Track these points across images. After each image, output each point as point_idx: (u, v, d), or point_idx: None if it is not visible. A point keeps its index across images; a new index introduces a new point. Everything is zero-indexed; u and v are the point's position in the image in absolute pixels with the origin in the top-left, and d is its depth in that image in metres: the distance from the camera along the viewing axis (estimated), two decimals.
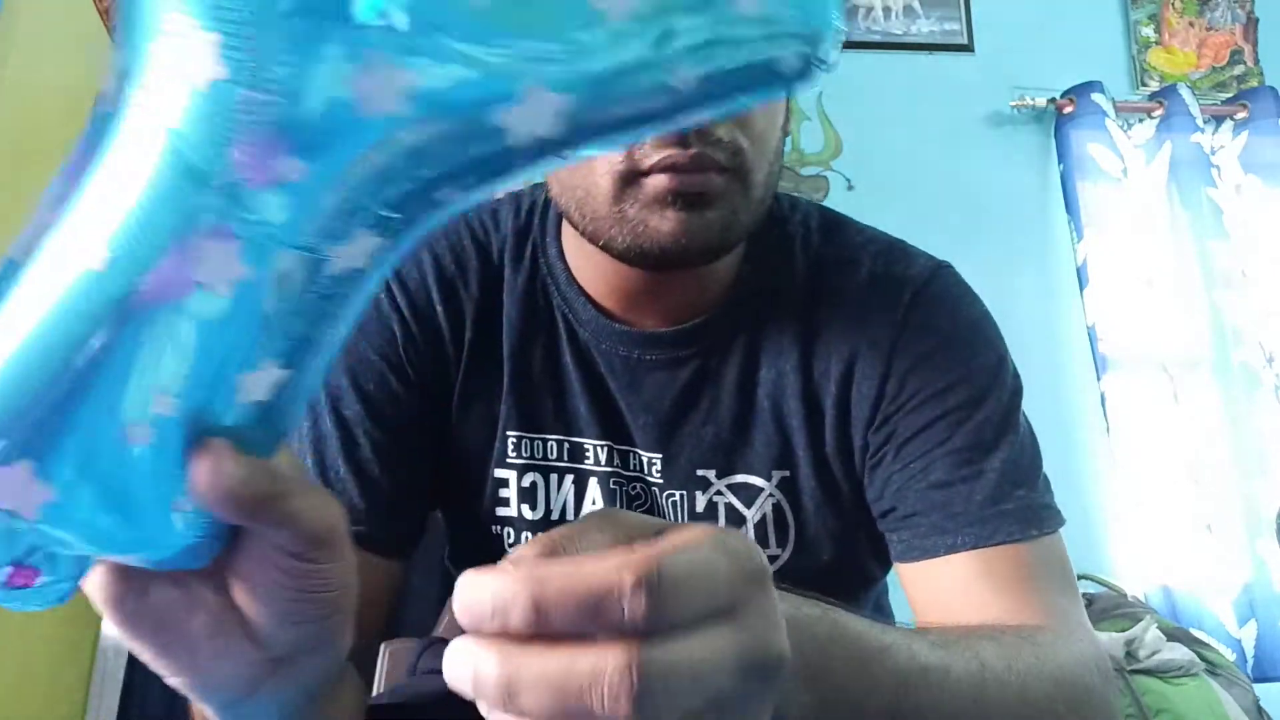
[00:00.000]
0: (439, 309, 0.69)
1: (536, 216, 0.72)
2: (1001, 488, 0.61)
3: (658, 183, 0.56)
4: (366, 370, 0.67)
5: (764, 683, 0.29)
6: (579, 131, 0.28)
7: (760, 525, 0.67)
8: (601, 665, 0.25)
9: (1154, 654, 1.15)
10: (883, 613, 0.82)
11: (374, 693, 0.78)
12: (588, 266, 0.67)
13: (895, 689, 0.40)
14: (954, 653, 0.45)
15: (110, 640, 2.22)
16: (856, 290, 0.67)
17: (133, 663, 2.30)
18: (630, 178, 0.57)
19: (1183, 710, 1.09)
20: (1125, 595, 1.40)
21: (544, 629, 0.25)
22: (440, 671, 0.27)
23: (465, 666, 0.26)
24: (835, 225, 0.72)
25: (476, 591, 0.26)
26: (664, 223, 0.57)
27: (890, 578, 0.76)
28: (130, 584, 0.32)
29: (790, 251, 0.69)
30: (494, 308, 0.70)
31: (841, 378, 0.66)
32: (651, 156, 0.56)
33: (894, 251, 0.70)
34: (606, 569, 0.26)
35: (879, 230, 0.73)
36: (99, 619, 2.04)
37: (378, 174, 0.28)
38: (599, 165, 0.57)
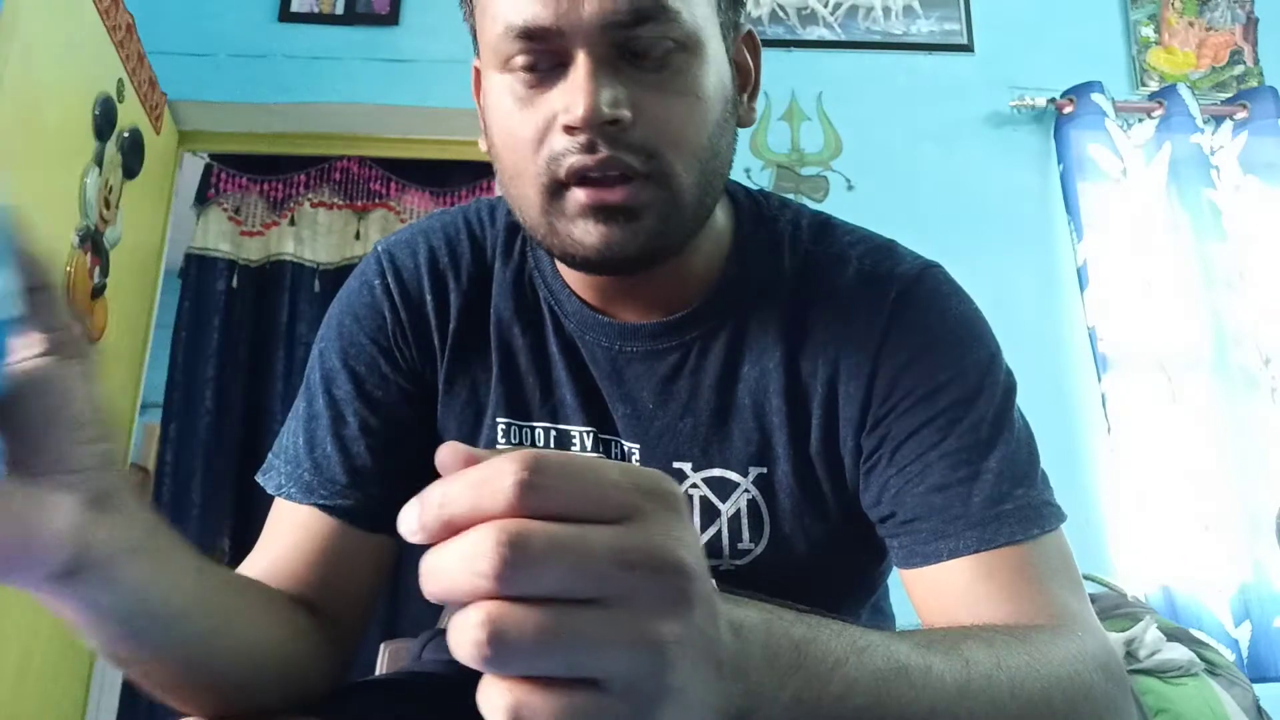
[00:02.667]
0: (428, 298, 0.71)
1: None
2: (1000, 488, 0.60)
3: (577, 196, 0.57)
4: (358, 353, 0.70)
5: (663, 587, 0.30)
6: None
7: (734, 519, 0.67)
8: (478, 536, 0.28)
9: (1154, 654, 1.14)
10: (882, 614, 0.81)
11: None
12: None
13: (874, 688, 0.40)
14: (938, 653, 0.45)
15: None
16: (843, 289, 0.67)
17: None
18: (554, 189, 0.58)
19: (1182, 710, 1.09)
20: (1125, 595, 1.40)
21: (449, 522, 0.29)
22: (443, 661, 0.29)
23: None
24: (825, 225, 0.71)
25: (408, 512, 0.30)
26: (587, 235, 0.58)
27: (892, 579, 0.76)
28: None
29: (778, 249, 0.69)
30: (482, 301, 0.71)
31: (828, 379, 0.66)
32: (563, 163, 0.57)
33: (882, 251, 0.69)
34: (493, 463, 0.29)
35: (871, 231, 0.72)
36: None
37: None
38: (527, 177, 0.59)
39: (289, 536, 0.66)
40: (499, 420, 0.70)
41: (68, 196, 1.73)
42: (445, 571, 0.29)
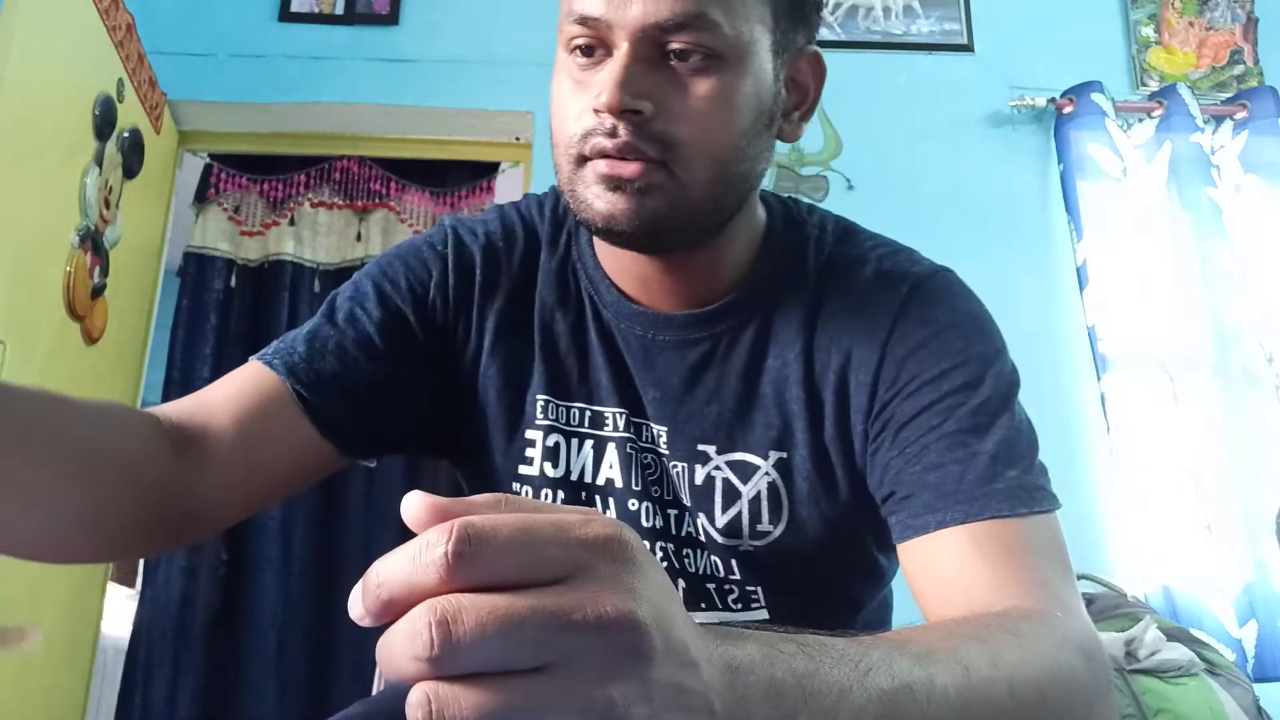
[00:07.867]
0: (478, 275, 0.76)
1: None
2: (993, 468, 0.63)
3: (594, 166, 0.64)
4: (394, 289, 0.75)
5: (610, 645, 0.29)
6: None
7: (755, 501, 0.71)
8: (414, 616, 0.28)
9: (1154, 654, 1.15)
10: (886, 608, 0.83)
11: (373, 692, 0.78)
12: (609, 253, 0.74)
13: (881, 713, 0.40)
14: (937, 663, 0.45)
15: (110, 640, 2.22)
16: (860, 286, 0.72)
17: (131, 662, 2.30)
18: (580, 160, 0.64)
19: (1182, 710, 1.09)
20: (1125, 595, 1.40)
21: (390, 602, 0.29)
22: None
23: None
24: (849, 230, 0.77)
25: (354, 595, 0.30)
26: (598, 202, 0.64)
27: (894, 584, 0.76)
28: None
29: (804, 250, 0.74)
30: (529, 286, 0.77)
31: (840, 368, 0.70)
32: (589, 140, 0.63)
33: (900, 254, 0.74)
34: (425, 535, 0.29)
35: (892, 239, 0.77)
36: (99, 619, 2.04)
37: None
38: (563, 147, 0.65)
39: (237, 383, 0.69)
40: (539, 397, 0.75)
41: (68, 196, 1.73)
42: (390, 655, 0.28)
